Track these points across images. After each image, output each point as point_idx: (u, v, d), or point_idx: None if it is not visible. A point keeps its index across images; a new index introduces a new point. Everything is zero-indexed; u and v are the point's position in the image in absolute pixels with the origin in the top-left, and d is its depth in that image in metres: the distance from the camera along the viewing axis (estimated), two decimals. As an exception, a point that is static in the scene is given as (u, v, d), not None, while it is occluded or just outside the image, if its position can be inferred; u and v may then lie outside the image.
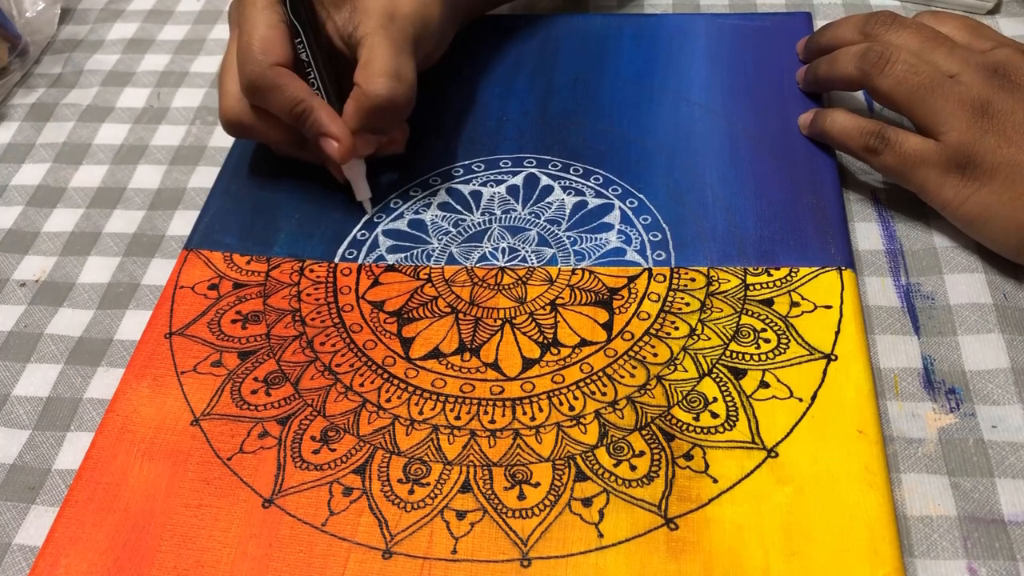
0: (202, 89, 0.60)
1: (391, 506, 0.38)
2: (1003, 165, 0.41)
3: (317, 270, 0.47)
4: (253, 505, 0.38)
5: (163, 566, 0.37)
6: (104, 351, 0.46)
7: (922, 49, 0.45)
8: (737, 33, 0.56)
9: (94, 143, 0.57)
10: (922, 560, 0.36)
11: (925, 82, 0.44)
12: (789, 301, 0.43)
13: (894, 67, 0.44)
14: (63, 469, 0.42)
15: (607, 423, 0.40)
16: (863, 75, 0.46)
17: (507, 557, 0.36)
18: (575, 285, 0.45)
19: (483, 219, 0.48)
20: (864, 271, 0.45)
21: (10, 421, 0.44)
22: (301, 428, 0.41)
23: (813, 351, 0.41)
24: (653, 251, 0.46)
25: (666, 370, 0.41)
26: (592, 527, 0.37)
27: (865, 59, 0.45)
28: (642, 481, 0.38)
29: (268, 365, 0.43)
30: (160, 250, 0.50)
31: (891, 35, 0.46)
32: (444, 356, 0.43)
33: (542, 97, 0.54)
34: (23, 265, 0.51)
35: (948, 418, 0.39)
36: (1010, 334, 0.42)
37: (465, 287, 0.45)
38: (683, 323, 0.43)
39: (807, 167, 0.48)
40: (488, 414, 0.40)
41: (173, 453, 0.40)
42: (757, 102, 0.52)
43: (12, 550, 0.39)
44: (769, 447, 0.38)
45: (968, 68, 0.43)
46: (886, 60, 0.45)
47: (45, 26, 0.64)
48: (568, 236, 0.47)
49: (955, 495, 0.37)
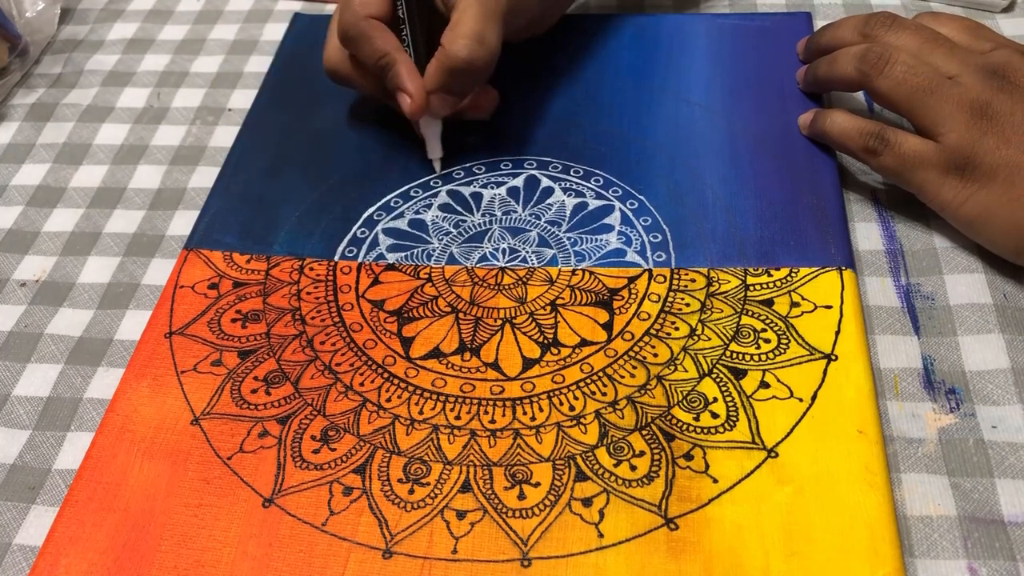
0: (202, 89, 0.60)
1: (391, 506, 0.38)
2: (1002, 166, 0.41)
3: (317, 268, 0.47)
4: (253, 505, 0.38)
5: (163, 566, 0.37)
6: (104, 351, 0.46)
7: (921, 50, 0.45)
8: (737, 33, 0.56)
9: (94, 143, 0.57)
10: (922, 560, 0.36)
11: (924, 83, 0.44)
12: (789, 301, 0.43)
13: (893, 68, 0.44)
14: (63, 469, 0.42)
15: (607, 423, 0.40)
16: (862, 76, 0.46)
17: (507, 557, 0.36)
18: (575, 285, 0.45)
19: (483, 220, 0.48)
20: (864, 271, 0.45)
21: (10, 421, 0.44)
22: (301, 427, 0.41)
23: (813, 351, 0.41)
24: (653, 252, 0.46)
25: (666, 370, 0.41)
26: (592, 527, 0.37)
27: (864, 60, 0.45)
28: (642, 481, 0.38)
29: (268, 364, 0.43)
30: (160, 250, 0.50)
31: (890, 36, 0.46)
32: (444, 356, 0.43)
33: (543, 98, 0.54)
34: (23, 265, 0.51)
35: (948, 418, 0.40)
36: (1010, 334, 0.42)
37: (465, 287, 0.45)
38: (683, 323, 0.43)
39: (807, 167, 0.48)
40: (488, 414, 0.40)
41: (173, 453, 0.40)
42: (757, 102, 0.52)
43: (12, 550, 0.39)
44: (769, 447, 0.38)
45: (967, 69, 0.43)
46: (885, 61, 0.45)
47: (45, 26, 0.64)
48: (568, 237, 0.47)
49: (955, 495, 0.37)
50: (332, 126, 0.54)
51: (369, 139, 0.53)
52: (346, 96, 0.56)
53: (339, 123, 0.54)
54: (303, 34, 0.61)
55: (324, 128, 0.54)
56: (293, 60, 0.59)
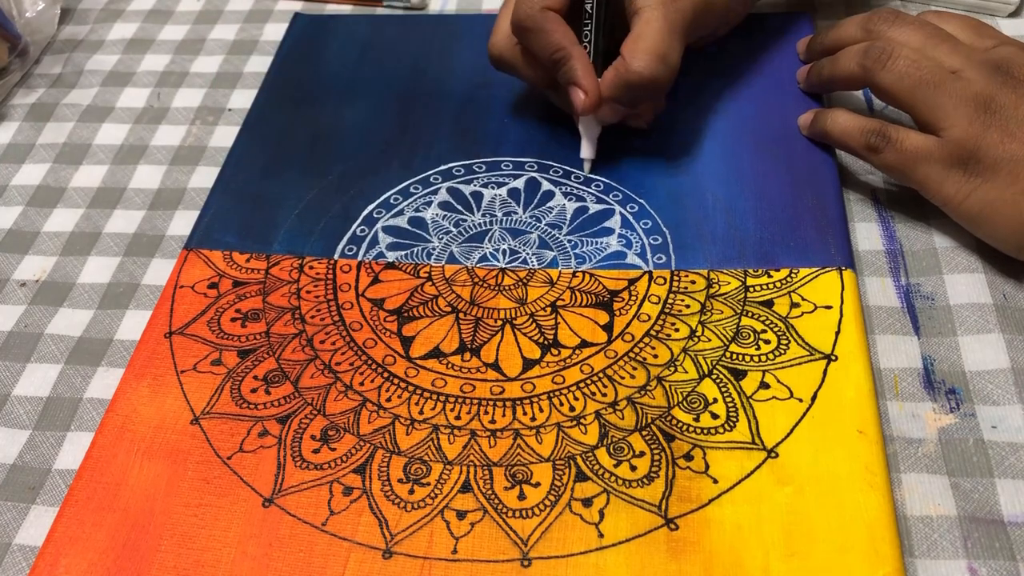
0: (202, 89, 0.60)
1: (391, 506, 0.38)
2: (1005, 160, 0.41)
3: (317, 267, 0.47)
4: (253, 505, 0.38)
5: (163, 566, 0.37)
6: (104, 351, 0.46)
7: (925, 45, 0.45)
8: (737, 33, 0.56)
9: (94, 143, 0.57)
10: (922, 560, 0.36)
11: (928, 77, 0.43)
12: (789, 302, 0.43)
13: (896, 63, 0.44)
14: (63, 469, 0.42)
15: (607, 423, 0.40)
16: (865, 71, 0.46)
17: (507, 557, 0.36)
18: (575, 287, 0.45)
19: (484, 220, 0.48)
20: (864, 271, 0.45)
21: (10, 421, 0.44)
22: (301, 427, 0.41)
23: (813, 352, 0.41)
24: (653, 254, 0.46)
25: (666, 371, 0.41)
26: (592, 527, 0.37)
27: (867, 55, 0.45)
28: (642, 481, 0.38)
29: (268, 364, 0.43)
30: (160, 250, 0.50)
31: (893, 32, 0.46)
32: (444, 356, 0.43)
33: (543, 98, 0.54)
34: (23, 265, 0.51)
35: (948, 418, 0.40)
36: (1010, 334, 0.42)
37: (465, 287, 0.45)
38: (683, 325, 0.43)
39: (807, 167, 0.48)
40: (488, 414, 0.40)
41: (173, 452, 0.40)
42: (757, 102, 0.52)
43: (12, 550, 0.39)
44: (769, 447, 0.38)
45: (971, 64, 0.43)
46: (888, 55, 0.45)
47: (45, 26, 0.64)
48: (569, 240, 0.47)
49: (955, 495, 0.37)
50: (332, 125, 0.54)
51: (368, 137, 0.53)
52: (346, 95, 0.56)
53: (339, 122, 0.54)
54: (303, 34, 0.61)
55: (324, 128, 0.54)
56: (293, 60, 0.59)
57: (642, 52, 0.45)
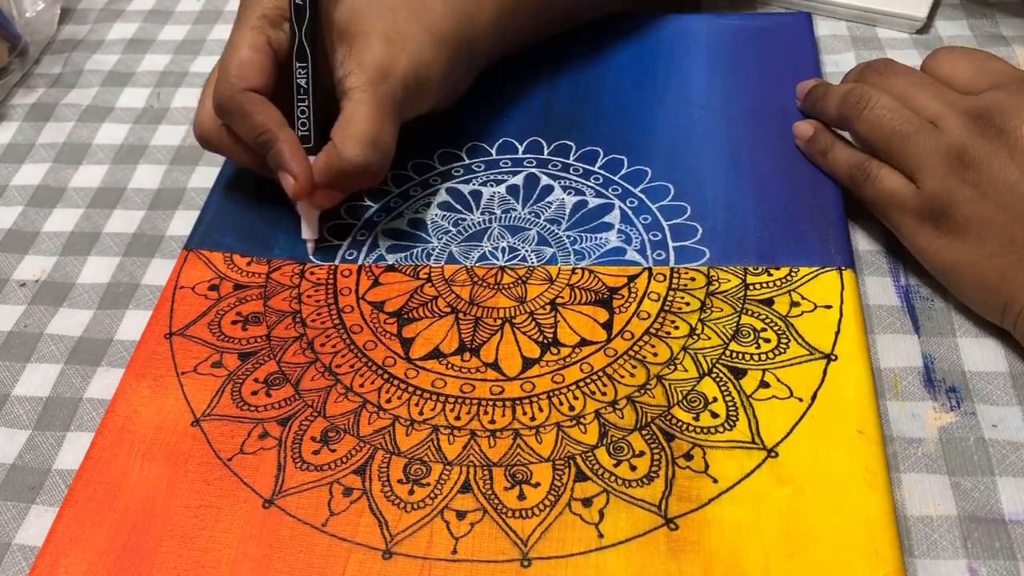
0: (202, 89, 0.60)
1: (391, 506, 0.38)
2: (975, 221, 0.40)
3: (318, 272, 0.47)
4: (253, 506, 0.38)
5: (163, 566, 0.37)
6: (104, 351, 0.46)
7: (905, 93, 0.44)
8: (737, 33, 0.56)
9: (94, 143, 0.57)
10: (922, 560, 0.36)
11: (901, 127, 0.42)
12: (789, 301, 0.43)
13: (871, 112, 0.44)
14: (63, 469, 0.42)
15: (607, 423, 0.40)
16: (842, 119, 0.46)
17: (507, 557, 0.36)
18: (575, 284, 0.45)
19: (483, 218, 0.48)
20: (864, 271, 0.45)
21: (10, 421, 0.44)
22: (301, 429, 0.41)
23: (813, 351, 0.41)
24: (653, 251, 0.46)
25: (666, 370, 0.41)
26: (592, 527, 0.37)
27: (845, 103, 0.45)
28: (642, 481, 0.38)
29: (268, 366, 0.43)
30: (160, 250, 0.50)
31: (878, 79, 0.46)
32: (444, 356, 0.43)
33: (543, 97, 0.54)
34: (23, 265, 0.51)
35: (948, 417, 0.39)
36: (1010, 334, 0.42)
37: (465, 286, 0.45)
38: (683, 323, 0.43)
39: (807, 167, 0.48)
40: (488, 414, 0.40)
41: (173, 454, 0.40)
42: (757, 102, 0.52)
43: (12, 550, 0.39)
44: (769, 447, 0.38)
45: (950, 112, 0.42)
46: (865, 104, 0.44)
47: (45, 26, 0.64)
48: (568, 236, 0.47)
49: (955, 494, 0.37)
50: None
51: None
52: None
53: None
54: (303, 34, 0.61)
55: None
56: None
57: (352, 139, 0.43)
